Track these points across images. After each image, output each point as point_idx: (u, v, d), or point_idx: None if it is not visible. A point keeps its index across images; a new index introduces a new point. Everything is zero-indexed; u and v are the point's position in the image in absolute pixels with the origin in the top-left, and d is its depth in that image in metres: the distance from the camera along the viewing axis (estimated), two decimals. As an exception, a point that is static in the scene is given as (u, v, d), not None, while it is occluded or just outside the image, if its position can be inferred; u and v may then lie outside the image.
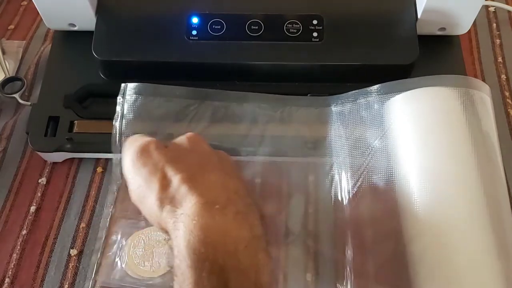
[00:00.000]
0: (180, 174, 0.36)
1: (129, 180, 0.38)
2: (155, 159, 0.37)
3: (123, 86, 0.49)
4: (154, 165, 0.37)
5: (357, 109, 0.48)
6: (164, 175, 0.36)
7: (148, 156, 0.37)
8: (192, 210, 0.34)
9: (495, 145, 0.42)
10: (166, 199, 0.36)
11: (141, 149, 0.38)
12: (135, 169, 0.38)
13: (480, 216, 0.38)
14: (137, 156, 0.38)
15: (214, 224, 0.33)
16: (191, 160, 0.37)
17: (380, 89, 0.46)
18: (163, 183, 0.36)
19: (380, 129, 0.45)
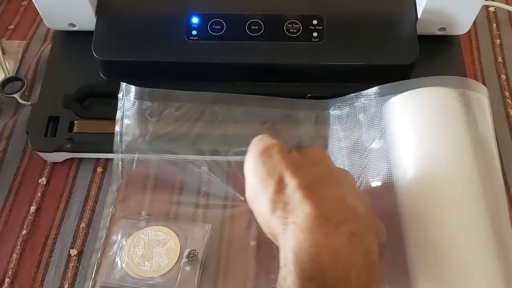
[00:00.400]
0: (298, 180, 0.34)
1: (247, 178, 0.38)
2: (275, 161, 0.36)
3: (123, 86, 0.49)
4: (273, 167, 0.35)
5: (355, 112, 0.48)
6: (281, 179, 0.35)
7: (269, 157, 0.36)
8: (303, 222, 0.32)
9: (493, 146, 0.42)
10: (279, 204, 0.34)
11: (264, 149, 0.37)
12: (254, 168, 0.37)
13: (479, 216, 0.38)
14: (259, 156, 0.37)
15: (325, 242, 0.31)
16: (312, 169, 0.36)
17: (378, 92, 0.46)
18: (279, 187, 0.34)
19: (378, 130, 0.45)
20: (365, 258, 0.32)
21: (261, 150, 0.37)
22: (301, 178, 0.34)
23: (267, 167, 0.36)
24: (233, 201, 0.50)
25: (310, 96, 0.52)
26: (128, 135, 0.49)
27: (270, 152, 0.36)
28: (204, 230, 0.47)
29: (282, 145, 0.37)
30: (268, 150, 0.37)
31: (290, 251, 0.32)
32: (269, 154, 0.36)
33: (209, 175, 0.50)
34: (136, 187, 0.50)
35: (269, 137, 0.38)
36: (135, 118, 0.49)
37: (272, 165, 0.36)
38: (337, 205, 0.34)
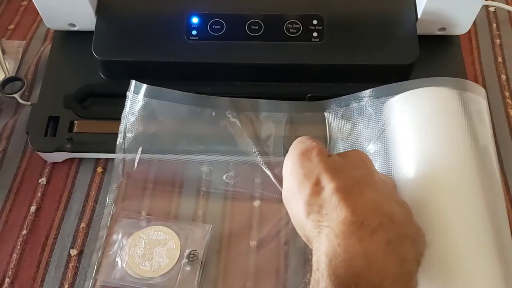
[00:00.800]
0: (334, 183, 0.34)
1: (284, 178, 0.38)
2: (314, 163, 0.36)
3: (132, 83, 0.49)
4: (311, 169, 0.35)
5: (353, 113, 0.48)
6: (318, 182, 0.34)
7: (308, 159, 0.36)
8: (339, 226, 0.32)
9: (491, 146, 0.43)
10: (315, 206, 0.34)
11: (303, 151, 0.37)
12: (292, 169, 0.37)
13: (478, 217, 0.38)
14: (298, 157, 0.37)
15: (360, 249, 0.31)
16: (351, 173, 0.35)
17: (376, 93, 0.46)
18: (315, 189, 0.34)
19: (376, 131, 0.45)
20: (400, 267, 0.32)
21: (301, 151, 0.37)
22: (338, 181, 0.34)
23: (305, 169, 0.36)
24: (233, 201, 0.50)
25: (310, 96, 0.52)
26: (132, 134, 0.49)
27: (309, 155, 0.36)
28: (205, 230, 0.47)
29: (321, 148, 0.37)
30: (307, 152, 0.37)
31: (324, 255, 0.32)
32: (308, 156, 0.36)
33: (209, 175, 0.50)
34: (136, 187, 0.50)
35: (310, 139, 0.38)
36: (141, 117, 0.49)
37: (310, 168, 0.36)
38: (374, 211, 0.33)
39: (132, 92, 0.49)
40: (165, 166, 0.50)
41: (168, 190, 0.50)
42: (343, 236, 0.32)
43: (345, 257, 0.31)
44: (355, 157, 0.38)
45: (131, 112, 0.49)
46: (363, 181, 0.35)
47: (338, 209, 0.33)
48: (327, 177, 0.34)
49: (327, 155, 0.37)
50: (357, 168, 0.36)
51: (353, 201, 0.33)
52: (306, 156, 0.36)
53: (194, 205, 0.49)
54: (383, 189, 0.36)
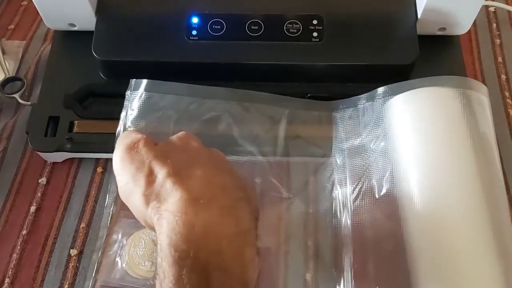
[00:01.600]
0: (165, 169, 0.35)
1: (117, 177, 0.38)
2: (142, 155, 0.37)
3: (132, 82, 0.49)
4: (142, 161, 0.36)
5: (357, 113, 0.48)
6: (151, 171, 0.35)
7: (136, 152, 0.37)
8: (175, 206, 0.33)
9: (493, 145, 0.43)
10: (152, 195, 0.35)
11: (129, 146, 0.37)
12: (123, 166, 0.37)
13: (480, 216, 0.38)
14: (126, 153, 0.37)
15: (197, 220, 0.33)
16: (179, 156, 0.37)
17: (380, 93, 0.46)
18: (149, 179, 0.35)
19: (380, 131, 0.45)
20: (236, 227, 0.34)
21: (128, 145, 0.38)
22: (169, 166, 0.35)
23: (136, 163, 0.36)
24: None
25: (310, 96, 0.52)
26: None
27: (137, 147, 0.37)
28: (204, 230, 0.47)
29: (146, 138, 0.38)
30: (134, 145, 0.37)
31: (165, 236, 0.33)
32: (136, 149, 0.37)
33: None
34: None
35: (134, 132, 0.39)
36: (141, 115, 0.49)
37: (140, 159, 0.36)
38: (205, 185, 0.35)
39: (132, 90, 0.49)
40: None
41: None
42: (181, 213, 0.33)
43: (183, 231, 0.32)
44: (181, 139, 0.39)
45: (131, 109, 0.49)
46: (191, 161, 0.36)
47: (174, 192, 0.34)
48: (158, 164, 0.35)
49: (153, 144, 0.38)
50: (184, 150, 0.38)
51: (185, 182, 0.34)
52: (134, 149, 0.37)
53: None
54: (211, 163, 0.37)
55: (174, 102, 0.49)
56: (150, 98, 0.49)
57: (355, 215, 0.44)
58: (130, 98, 0.49)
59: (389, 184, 0.43)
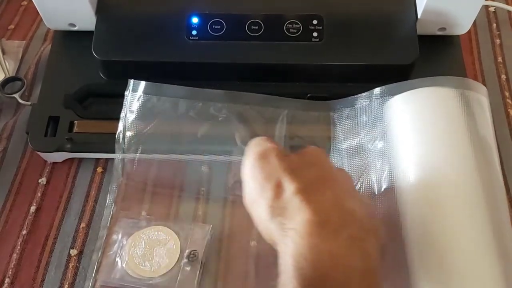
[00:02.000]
0: (295, 184, 0.34)
1: (245, 183, 0.37)
2: (273, 166, 0.36)
3: (130, 82, 0.49)
4: (271, 172, 0.35)
5: (356, 113, 0.48)
6: (279, 184, 0.35)
7: (267, 162, 0.36)
8: (303, 228, 0.32)
9: (492, 145, 0.43)
10: (277, 209, 0.34)
11: (261, 154, 0.37)
12: (252, 173, 0.36)
13: (479, 216, 0.38)
14: (256, 161, 0.37)
15: (325, 248, 0.32)
16: (310, 173, 0.35)
17: (379, 93, 0.46)
18: (277, 191, 0.34)
19: (379, 131, 0.45)
20: (365, 262, 0.33)
21: (259, 154, 0.37)
22: (298, 182, 0.34)
23: (265, 172, 0.36)
24: (233, 201, 0.50)
25: (310, 96, 0.52)
26: (131, 133, 0.49)
27: (268, 157, 0.36)
28: (205, 230, 0.47)
29: (279, 149, 0.37)
30: (265, 155, 0.37)
31: (290, 257, 0.32)
32: (267, 159, 0.36)
33: (209, 175, 0.50)
34: (136, 187, 0.50)
35: (266, 140, 0.38)
36: (140, 116, 0.49)
37: (269, 170, 0.36)
38: (335, 209, 0.34)
39: (130, 91, 0.49)
40: (165, 166, 0.50)
41: (168, 190, 0.50)
42: (308, 236, 0.32)
43: (311, 258, 0.31)
44: (312, 154, 0.38)
45: (130, 110, 0.49)
46: (321, 179, 0.35)
47: (301, 211, 0.33)
48: (288, 178, 0.34)
49: (284, 156, 0.37)
50: (314, 165, 0.37)
51: (314, 201, 0.33)
52: (265, 159, 0.36)
53: (194, 205, 0.49)
54: (342, 185, 0.36)
55: (173, 104, 0.49)
56: (149, 100, 0.49)
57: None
58: (129, 99, 0.49)
59: (387, 184, 0.43)
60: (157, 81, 0.50)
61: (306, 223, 0.32)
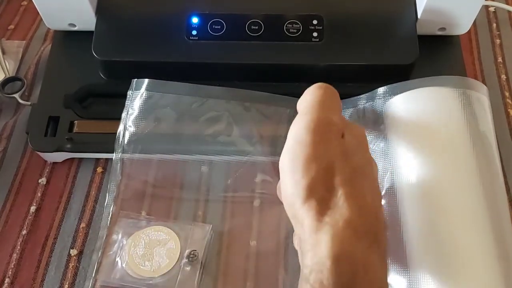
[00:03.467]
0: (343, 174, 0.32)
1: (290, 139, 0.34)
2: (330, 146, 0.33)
3: (133, 82, 0.49)
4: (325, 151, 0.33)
5: (357, 113, 0.48)
6: (329, 168, 0.32)
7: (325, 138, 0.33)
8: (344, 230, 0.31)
9: (493, 145, 0.43)
10: (316, 194, 0.32)
11: (324, 123, 0.34)
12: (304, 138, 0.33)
13: (480, 216, 0.38)
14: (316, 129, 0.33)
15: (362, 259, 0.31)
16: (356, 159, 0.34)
17: (379, 93, 0.46)
18: (323, 175, 0.32)
19: (379, 132, 0.45)
20: (385, 273, 0.33)
21: (321, 122, 0.34)
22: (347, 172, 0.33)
23: (320, 148, 0.33)
24: (233, 201, 0.50)
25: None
26: (131, 132, 0.49)
27: (328, 132, 0.34)
28: (205, 230, 0.47)
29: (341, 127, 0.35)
30: (327, 128, 0.34)
31: (328, 259, 0.31)
32: (327, 134, 0.34)
33: (209, 175, 0.50)
34: (136, 187, 0.50)
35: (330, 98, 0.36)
36: (141, 115, 0.49)
37: (324, 148, 0.33)
38: (373, 218, 0.33)
39: (133, 89, 0.49)
40: (165, 166, 0.50)
41: (168, 190, 0.50)
42: (348, 243, 0.31)
43: (350, 269, 0.31)
44: (360, 137, 0.36)
45: (132, 109, 0.49)
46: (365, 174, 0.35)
47: (343, 209, 0.32)
48: (338, 165, 0.33)
49: (341, 135, 0.35)
50: (362, 154, 0.35)
51: (356, 202, 0.32)
52: (323, 132, 0.33)
53: (194, 205, 0.49)
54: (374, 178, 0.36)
55: (175, 102, 0.49)
56: (151, 98, 0.49)
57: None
58: (132, 97, 0.49)
59: (389, 184, 0.43)
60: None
61: (347, 225, 0.31)
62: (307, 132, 0.34)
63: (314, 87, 0.37)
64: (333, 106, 0.36)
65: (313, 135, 0.33)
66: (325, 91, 0.37)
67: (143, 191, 0.50)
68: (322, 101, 0.36)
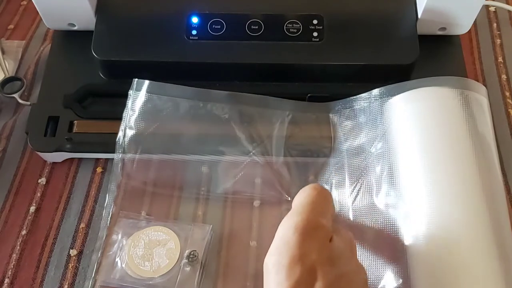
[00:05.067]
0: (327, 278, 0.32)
1: (277, 239, 0.34)
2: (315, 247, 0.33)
3: (134, 82, 0.49)
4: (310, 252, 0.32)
5: (355, 114, 0.48)
6: (312, 271, 0.32)
7: (311, 239, 0.33)
8: None
9: (492, 145, 0.43)
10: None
11: (312, 226, 0.33)
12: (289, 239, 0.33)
13: (479, 216, 0.38)
14: (302, 230, 0.33)
15: None
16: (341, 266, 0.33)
17: (378, 94, 0.46)
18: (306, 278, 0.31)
19: (378, 132, 0.45)
20: None
21: (309, 224, 0.33)
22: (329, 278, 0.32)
23: (304, 249, 0.32)
24: (233, 201, 0.49)
25: (310, 96, 0.52)
26: (132, 133, 0.49)
27: (315, 234, 0.33)
28: (205, 230, 0.47)
29: (328, 230, 0.34)
30: (315, 229, 0.33)
31: None
32: (313, 235, 0.33)
33: (209, 175, 0.50)
34: (136, 187, 0.50)
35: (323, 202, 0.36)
36: (142, 115, 0.49)
37: (309, 249, 0.33)
38: None
39: (134, 90, 0.49)
40: (165, 166, 0.50)
41: (168, 190, 0.50)
42: None
43: None
44: (348, 243, 0.36)
45: (132, 109, 0.49)
46: (350, 281, 0.34)
47: None
48: (323, 270, 0.32)
49: (329, 239, 0.34)
50: (349, 260, 0.35)
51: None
52: (310, 234, 0.33)
53: (194, 205, 0.49)
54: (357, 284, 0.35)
55: (175, 104, 0.49)
56: (151, 99, 0.49)
57: (353, 216, 0.44)
58: (132, 97, 0.49)
59: (388, 185, 0.43)
60: (157, 81, 0.50)
61: None
62: (294, 233, 0.33)
63: (309, 187, 0.37)
64: (324, 209, 0.35)
65: (300, 236, 0.33)
66: (319, 193, 0.36)
67: (143, 191, 0.50)
68: (314, 203, 0.35)
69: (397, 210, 0.41)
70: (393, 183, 0.42)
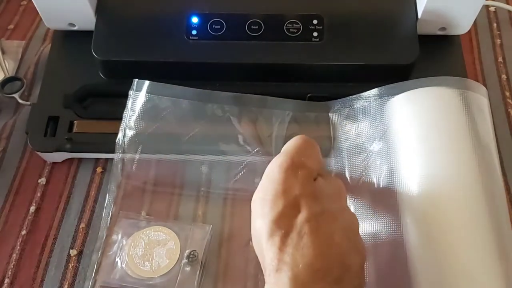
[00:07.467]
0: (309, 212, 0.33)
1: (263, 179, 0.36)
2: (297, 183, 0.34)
3: (134, 82, 0.49)
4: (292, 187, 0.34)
5: (355, 113, 0.48)
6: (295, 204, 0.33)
7: (294, 176, 0.34)
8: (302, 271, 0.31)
9: (492, 145, 0.43)
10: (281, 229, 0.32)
11: (294, 164, 0.35)
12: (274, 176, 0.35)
13: (479, 216, 0.38)
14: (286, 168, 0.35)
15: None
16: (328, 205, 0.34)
17: (378, 93, 0.46)
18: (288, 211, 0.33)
19: (378, 132, 0.45)
20: None
21: (292, 163, 0.35)
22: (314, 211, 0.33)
23: (287, 184, 0.34)
24: (233, 201, 0.49)
25: (310, 96, 0.52)
26: (132, 133, 0.49)
27: (297, 171, 0.35)
28: (205, 230, 0.47)
29: (311, 170, 0.36)
30: (297, 168, 0.35)
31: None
32: (296, 172, 0.35)
33: (209, 175, 0.50)
34: (136, 187, 0.50)
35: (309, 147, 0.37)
36: (142, 115, 0.49)
37: (292, 185, 0.34)
38: (338, 260, 0.33)
39: (134, 90, 0.49)
40: (165, 166, 0.50)
41: (168, 190, 0.50)
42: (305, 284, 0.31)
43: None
44: (336, 187, 0.37)
45: (132, 110, 0.49)
46: (335, 218, 0.34)
47: (304, 248, 0.32)
48: (306, 203, 0.33)
49: (313, 178, 0.35)
50: (334, 201, 0.36)
51: (320, 242, 0.32)
52: (294, 171, 0.35)
53: (194, 205, 0.49)
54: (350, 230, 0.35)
55: (175, 104, 0.49)
56: (152, 100, 0.49)
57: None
58: (132, 98, 0.49)
59: (387, 184, 0.43)
60: (157, 81, 0.50)
61: (306, 267, 0.31)
62: (279, 171, 0.35)
63: (297, 136, 0.39)
64: (310, 154, 0.37)
65: (284, 174, 0.35)
66: (305, 140, 0.38)
67: (143, 191, 0.50)
68: (300, 147, 0.37)
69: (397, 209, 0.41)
70: (394, 182, 0.42)
